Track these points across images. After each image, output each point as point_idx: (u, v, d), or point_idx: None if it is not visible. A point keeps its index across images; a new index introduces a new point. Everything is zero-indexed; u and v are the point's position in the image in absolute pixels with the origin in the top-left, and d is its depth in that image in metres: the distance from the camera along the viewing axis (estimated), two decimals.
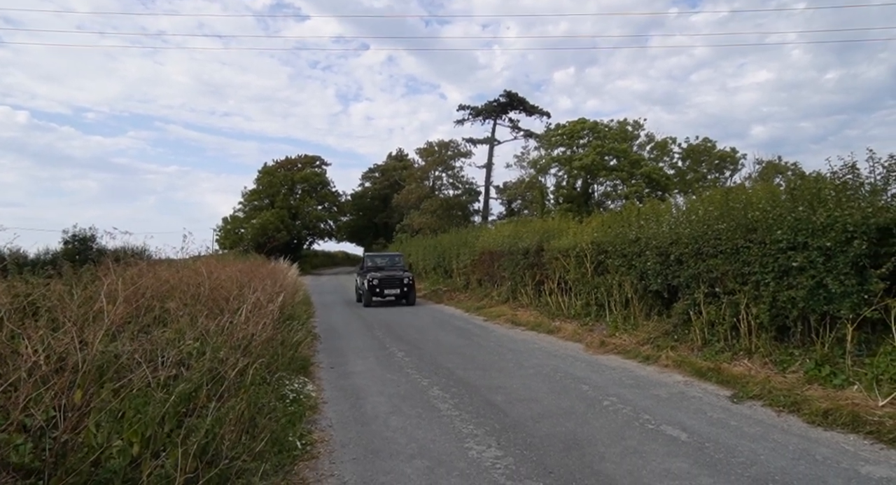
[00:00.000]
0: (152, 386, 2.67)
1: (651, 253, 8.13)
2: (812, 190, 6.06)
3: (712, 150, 30.63)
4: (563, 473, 3.57)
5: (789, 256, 5.80)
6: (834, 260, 5.33)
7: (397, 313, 13.53)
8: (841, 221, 5.28)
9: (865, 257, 5.12)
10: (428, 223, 32.17)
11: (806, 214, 5.75)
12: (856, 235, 5.13)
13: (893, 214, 5.16)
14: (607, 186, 28.24)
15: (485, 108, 36.62)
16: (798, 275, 5.70)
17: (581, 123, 28.53)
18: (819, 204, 5.74)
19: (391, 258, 18.32)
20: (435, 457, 3.90)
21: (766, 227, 6.19)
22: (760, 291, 6.23)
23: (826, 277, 5.36)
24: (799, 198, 6.12)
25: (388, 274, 16.00)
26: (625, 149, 27.28)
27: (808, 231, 5.61)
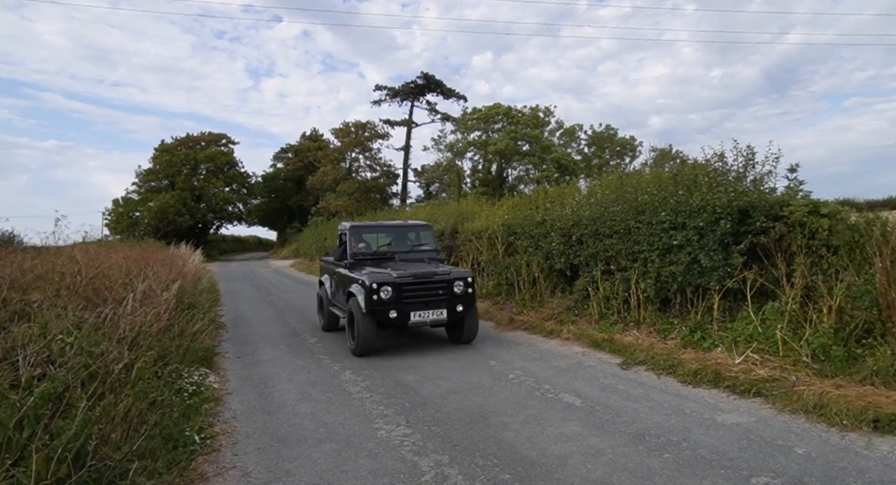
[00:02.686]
0: (4, 388, 2.40)
1: (555, 234, 8.60)
2: (690, 176, 6.74)
3: (614, 137, 32.75)
4: (468, 444, 3.76)
5: (671, 235, 6.42)
6: (706, 238, 6.00)
7: (307, 298, 13.20)
8: (711, 203, 5.94)
9: (729, 235, 5.82)
10: (345, 206, 31.49)
11: (685, 197, 6.39)
12: (722, 216, 5.81)
13: (751, 197, 5.90)
14: (520, 170, 29.29)
15: (402, 90, 36.20)
16: (678, 252, 6.34)
17: (496, 109, 29.18)
18: (695, 188, 6.40)
19: (407, 233, 8.36)
20: (343, 440, 3.93)
21: (652, 209, 6.79)
22: (648, 267, 6.85)
23: (699, 253, 6.02)
24: (680, 183, 6.77)
25: (415, 272, 6.74)
26: (537, 135, 28.37)
27: (686, 213, 6.25)
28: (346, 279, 7.18)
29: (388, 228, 8.57)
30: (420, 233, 8.35)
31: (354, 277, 6.84)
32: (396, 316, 6.37)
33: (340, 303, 7.57)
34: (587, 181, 12.18)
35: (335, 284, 8.00)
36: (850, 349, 4.67)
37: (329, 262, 8.59)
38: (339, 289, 7.66)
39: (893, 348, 4.38)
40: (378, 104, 37.44)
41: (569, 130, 32.31)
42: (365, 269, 7.05)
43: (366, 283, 6.37)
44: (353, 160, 37.41)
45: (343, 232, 7.96)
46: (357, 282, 6.67)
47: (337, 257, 7.71)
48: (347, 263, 7.43)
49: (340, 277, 7.64)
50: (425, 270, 6.77)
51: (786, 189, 6.03)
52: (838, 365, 4.55)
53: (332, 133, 38.98)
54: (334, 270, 8.02)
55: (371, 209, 24.79)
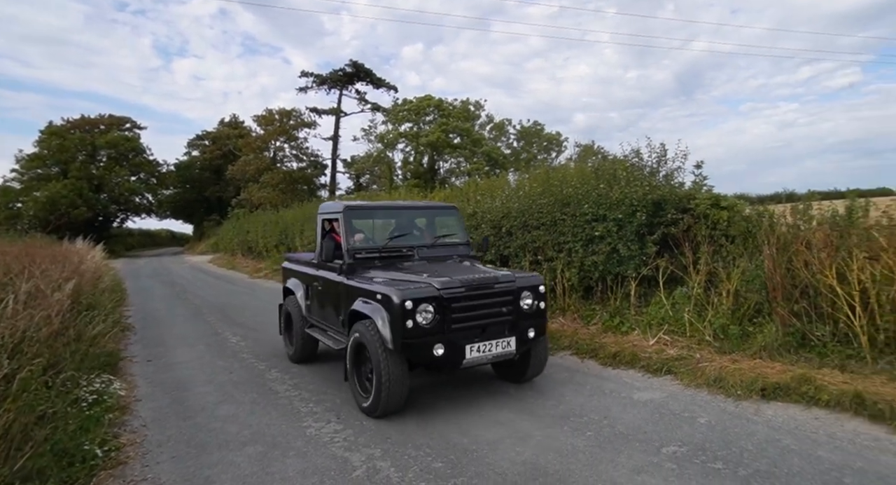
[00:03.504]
0: None
1: (486, 226, 8.75)
2: (610, 171, 7.10)
3: (542, 132, 33.86)
4: (400, 438, 3.74)
5: (593, 226, 6.74)
6: (624, 229, 6.36)
7: (228, 294, 12.54)
8: (629, 196, 6.30)
9: (644, 227, 6.22)
10: (269, 198, 30.11)
11: (605, 190, 6.73)
12: (638, 209, 6.19)
13: (663, 191, 6.34)
14: (452, 162, 29.50)
15: (330, 77, 35.08)
16: (599, 242, 6.67)
17: (427, 100, 29.12)
18: (615, 182, 6.76)
19: (426, 219, 5.70)
20: (270, 441, 3.76)
21: (576, 201, 7.09)
22: (572, 257, 7.15)
23: (618, 243, 6.38)
24: (601, 177, 7.11)
25: (465, 278, 4.16)
26: (468, 128, 28.68)
27: (607, 205, 6.59)
28: (344, 292, 4.62)
29: (399, 210, 5.59)
30: (444, 218, 5.69)
31: (363, 289, 4.28)
32: (445, 352, 3.92)
33: (332, 325, 5.09)
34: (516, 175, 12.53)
35: (316, 297, 5.39)
36: (744, 328, 5.17)
37: (300, 262, 6.03)
38: (327, 306, 5.12)
39: (778, 326, 4.90)
40: (304, 91, 36.04)
41: (499, 124, 32.98)
42: (372, 273, 4.57)
43: (393, 299, 3.85)
44: (277, 149, 35.81)
45: (331, 217, 5.28)
46: (371, 297, 4.14)
47: (323, 257, 4.86)
48: (344, 266, 4.74)
49: (329, 288, 5.03)
50: (479, 276, 4.18)
51: (692, 184, 6.53)
52: (734, 342, 5.03)
53: (255, 120, 37.03)
54: (315, 275, 5.38)
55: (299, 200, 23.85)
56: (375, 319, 4.01)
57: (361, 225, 5.28)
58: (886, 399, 3.64)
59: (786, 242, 5.18)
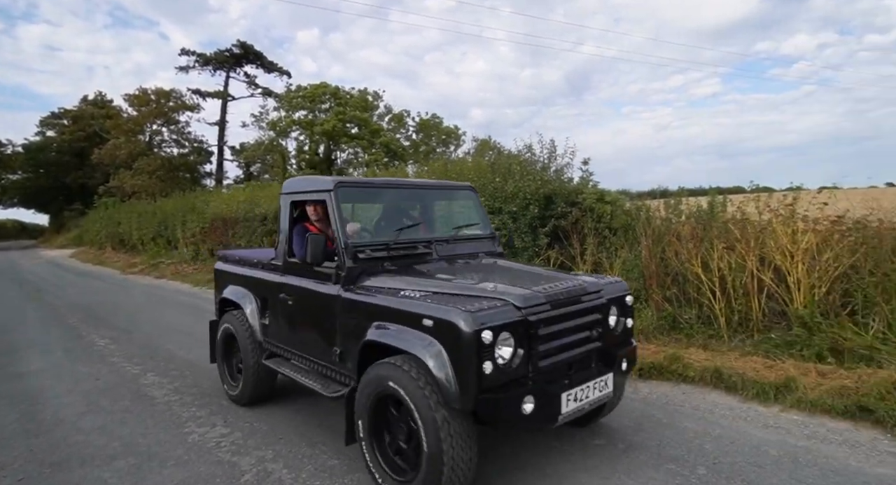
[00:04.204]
0: None
1: None
2: (505, 165, 7.40)
3: (440, 125, 34.30)
4: (295, 437, 3.57)
5: (490, 219, 6.97)
6: (519, 222, 6.67)
7: (96, 293, 11.11)
8: (523, 190, 6.62)
9: (537, 219, 6.58)
10: (145, 186, 27.11)
11: (501, 184, 7.00)
12: (532, 202, 6.53)
13: (554, 185, 6.75)
14: (349, 153, 28.82)
15: (216, 58, 32.34)
16: None
17: (323, 88, 28.07)
18: (510, 176, 7.05)
19: (440, 202, 4.18)
20: (145, 451, 3.40)
21: None
22: None
23: (514, 235, 6.67)
24: (497, 171, 7.38)
25: (550, 288, 2.81)
26: (365, 118, 28.15)
27: (503, 198, 6.86)
28: (344, 311, 3.09)
29: (409, 190, 4.00)
30: (460, 201, 4.20)
31: (387, 309, 2.79)
32: (537, 405, 2.53)
33: (315, 358, 3.44)
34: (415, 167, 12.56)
35: (284, 315, 3.69)
36: None
37: (248, 263, 4.25)
38: (306, 329, 3.51)
39: (653, 310, 5.46)
40: (185, 71, 32.88)
41: (397, 115, 32.80)
42: (385, 281, 3.05)
43: (460, 326, 2.40)
44: (154, 133, 32.28)
45: (310, 198, 3.56)
46: (406, 321, 2.67)
47: (309, 257, 3.13)
48: (342, 272, 3.14)
49: (310, 304, 3.42)
50: (562, 285, 2.91)
51: (580, 179, 7.03)
52: None
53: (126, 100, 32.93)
54: (281, 284, 3.68)
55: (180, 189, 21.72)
56: (424, 358, 2.46)
57: (359, 210, 3.81)
58: (738, 372, 4.22)
59: (660, 234, 5.78)
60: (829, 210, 5.21)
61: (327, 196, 3.31)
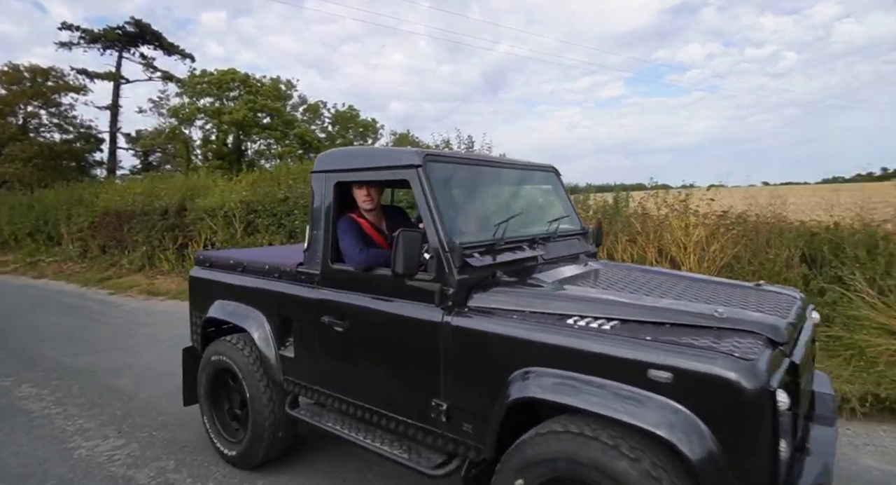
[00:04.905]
0: None
1: (300, 212, 8.39)
2: None
3: (357, 118, 33.65)
4: (200, 443, 3.34)
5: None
6: None
7: None
8: None
9: None
10: (19, 175, 23.92)
11: None
12: None
13: None
14: (261, 144, 27.41)
15: (104, 35, 29.11)
16: None
17: (231, 74, 26.38)
18: None
19: (527, 190, 3.11)
20: (19, 473, 3.00)
21: None
22: None
23: None
24: None
25: (785, 318, 1.82)
26: (278, 108, 26.89)
27: None
28: (467, 349, 2.01)
29: (498, 167, 2.81)
30: (542, 185, 3.18)
31: (574, 352, 1.73)
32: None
33: (390, 412, 2.29)
34: None
35: (332, 348, 2.51)
36: None
37: (255, 270, 3.00)
38: (376, 371, 2.35)
39: None
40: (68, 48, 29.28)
41: (313, 106, 31.68)
42: (519, 298, 2.04)
43: (737, 381, 1.44)
44: (29, 115, 28.52)
45: (386, 176, 2.34)
46: (619, 369, 1.64)
47: (401, 267, 1.99)
48: (450, 290, 2.05)
49: (401, 334, 2.23)
50: (782, 303, 2.08)
51: None
52: None
53: None
54: (324, 302, 2.51)
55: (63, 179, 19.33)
56: (672, 436, 1.48)
57: (457, 195, 2.46)
58: None
59: None
60: (715, 206, 5.79)
61: (412, 175, 2.16)
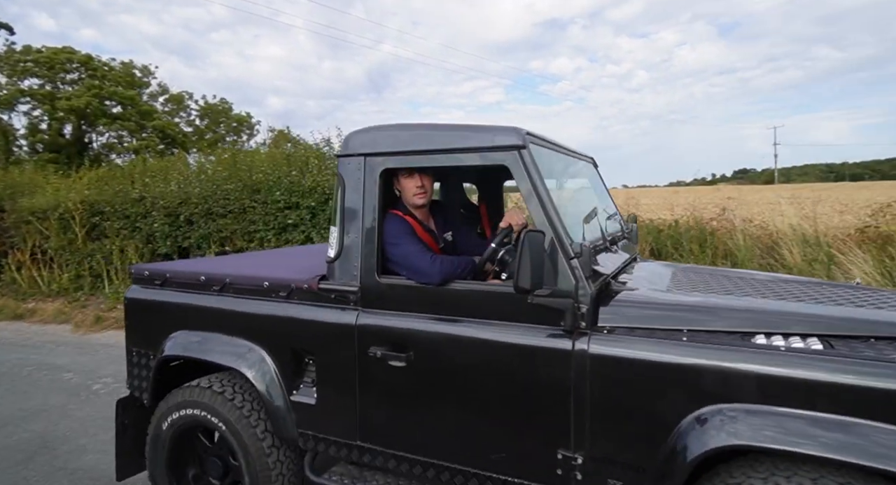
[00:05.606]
0: None
1: (159, 213, 7.51)
2: (303, 158, 7.08)
3: (230, 112, 31.19)
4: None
5: (286, 214, 6.61)
6: (317, 217, 6.45)
7: None
8: (321, 184, 6.43)
9: None
10: None
11: (298, 178, 6.68)
12: (330, 197, 6.37)
13: None
14: (111, 136, 24.08)
15: None
16: (293, 230, 6.59)
17: (68, 54, 22.78)
18: (307, 170, 6.78)
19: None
20: None
21: (267, 188, 6.80)
22: (264, 247, 6.83)
23: (312, 231, 6.44)
24: (293, 164, 7.02)
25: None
26: (132, 96, 23.86)
27: (300, 193, 6.55)
28: (620, 386, 1.53)
29: (565, 154, 2.30)
30: (580, 178, 2.59)
31: (811, 384, 1.33)
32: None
33: (513, 475, 1.68)
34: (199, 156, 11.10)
35: (384, 390, 1.90)
36: None
37: (250, 287, 2.20)
38: (483, 418, 1.73)
39: None
40: None
41: (176, 96, 28.65)
42: (646, 310, 1.63)
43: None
44: None
45: (468, 162, 1.81)
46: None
47: (529, 280, 1.50)
48: (586, 303, 1.58)
49: (510, 369, 1.67)
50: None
51: None
52: None
53: None
54: (374, 331, 1.89)
55: None
56: None
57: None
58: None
59: None
60: None
61: (513, 159, 1.71)
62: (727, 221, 6.32)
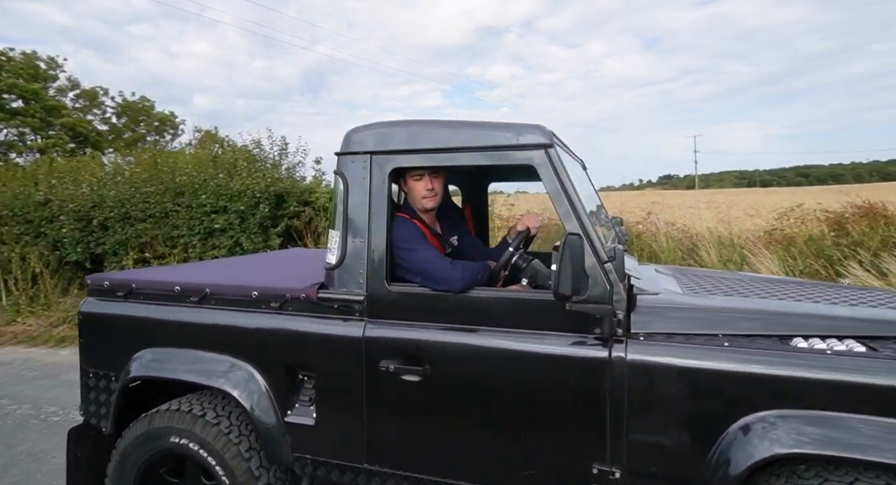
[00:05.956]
0: None
1: (67, 218, 6.89)
2: (231, 160, 6.76)
3: (151, 110, 29.22)
4: None
5: (213, 218, 6.26)
6: (247, 222, 6.16)
7: None
8: (251, 188, 6.15)
9: (268, 219, 6.21)
10: None
11: (226, 180, 6.36)
12: (261, 201, 6.12)
13: (286, 184, 6.49)
14: (9, 133, 21.82)
15: None
16: (220, 235, 6.26)
17: None
18: (236, 173, 6.47)
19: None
20: None
21: (192, 191, 6.42)
22: (189, 253, 6.45)
23: (241, 236, 6.14)
24: (220, 166, 6.67)
25: None
26: (36, 90, 21.76)
27: (228, 196, 6.23)
28: (668, 397, 1.46)
29: (570, 154, 2.28)
30: (583, 177, 2.52)
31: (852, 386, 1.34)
32: None
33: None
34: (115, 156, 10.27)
35: (398, 407, 1.76)
36: None
37: (233, 297, 1.99)
38: (510, 435, 1.63)
39: None
40: None
41: (89, 92, 26.43)
42: (676, 313, 1.60)
43: None
44: None
45: (489, 160, 1.71)
46: None
47: (573, 282, 1.43)
48: (622, 309, 1.54)
49: (538, 382, 1.59)
50: None
51: (313, 178, 6.95)
52: None
53: None
54: (387, 343, 1.75)
55: None
56: None
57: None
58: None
59: None
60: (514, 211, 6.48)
61: (541, 158, 1.63)
62: (652, 224, 6.70)
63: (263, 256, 3.20)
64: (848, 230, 5.39)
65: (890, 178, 73.53)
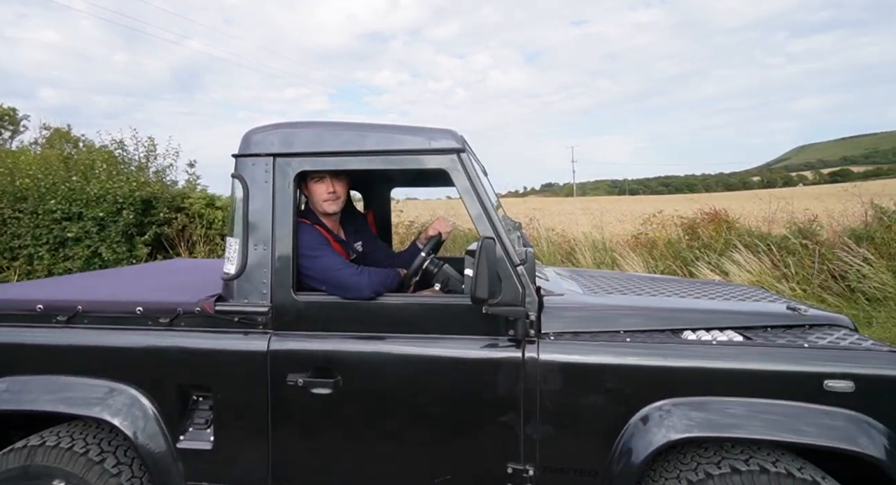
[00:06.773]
0: None
1: None
2: (87, 161, 6.04)
3: None
4: None
5: (65, 226, 5.55)
6: (107, 229, 5.53)
7: None
8: (112, 192, 5.53)
9: (133, 226, 5.61)
10: None
11: (81, 184, 5.66)
12: (125, 206, 5.52)
13: (155, 188, 5.93)
14: None
15: None
16: (74, 245, 5.56)
17: None
18: (93, 176, 5.79)
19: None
20: None
21: (38, 196, 5.65)
22: (34, 265, 5.66)
23: (100, 245, 5.49)
24: (73, 168, 5.93)
25: None
26: None
27: (83, 202, 5.56)
28: (574, 392, 1.54)
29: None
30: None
31: (726, 372, 1.50)
32: None
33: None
34: None
35: (307, 421, 1.65)
36: None
37: (113, 313, 1.74)
38: (419, 439, 1.62)
39: None
40: None
41: None
42: (572, 312, 1.70)
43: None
44: None
45: (404, 164, 1.67)
46: (783, 385, 1.46)
47: (489, 286, 1.47)
48: (533, 310, 1.58)
49: (451, 385, 1.59)
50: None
51: (186, 183, 6.41)
52: None
53: None
54: (297, 356, 1.64)
55: None
56: (876, 450, 1.37)
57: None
58: None
59: None
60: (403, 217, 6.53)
61: (453, 163, 1.64)
62: (534, 229, 7.13)
63: (141, 268, 2.89)
64: (699, 234, 6.18)
65: (732, 188, 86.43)
